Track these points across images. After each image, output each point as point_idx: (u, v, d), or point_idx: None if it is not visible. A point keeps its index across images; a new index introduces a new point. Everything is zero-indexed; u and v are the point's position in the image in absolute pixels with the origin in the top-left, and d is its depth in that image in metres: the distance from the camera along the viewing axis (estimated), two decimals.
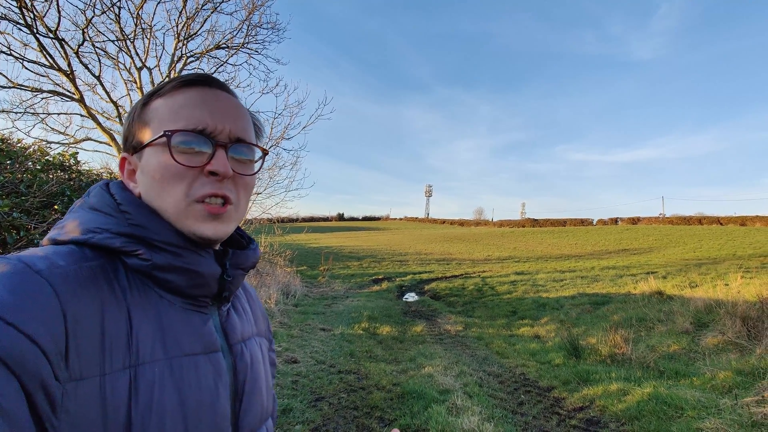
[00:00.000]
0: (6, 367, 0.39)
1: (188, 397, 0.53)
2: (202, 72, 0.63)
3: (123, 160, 0.63)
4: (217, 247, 0.64)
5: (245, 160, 0.62)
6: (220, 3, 7.07)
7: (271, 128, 8.36)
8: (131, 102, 7.24)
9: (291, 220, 12.79)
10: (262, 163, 0.67)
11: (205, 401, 0.55)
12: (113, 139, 6.52)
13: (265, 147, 0.66)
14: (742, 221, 35.77)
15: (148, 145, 0.58)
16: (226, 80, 7.54)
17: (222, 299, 0.64)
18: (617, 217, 48.72)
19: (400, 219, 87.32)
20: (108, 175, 5.05)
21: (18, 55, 5.51)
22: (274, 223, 10.76)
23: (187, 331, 0.56)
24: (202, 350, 0.57)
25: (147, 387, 0.49)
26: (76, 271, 0.49)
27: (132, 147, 0.61)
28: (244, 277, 0.68)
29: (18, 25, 5.22)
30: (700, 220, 39.93)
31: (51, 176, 3.68)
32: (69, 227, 0.56)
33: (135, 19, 6.49)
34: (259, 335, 0.75)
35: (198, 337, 0.57)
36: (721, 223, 37.43)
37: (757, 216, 35.39)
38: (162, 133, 0.56)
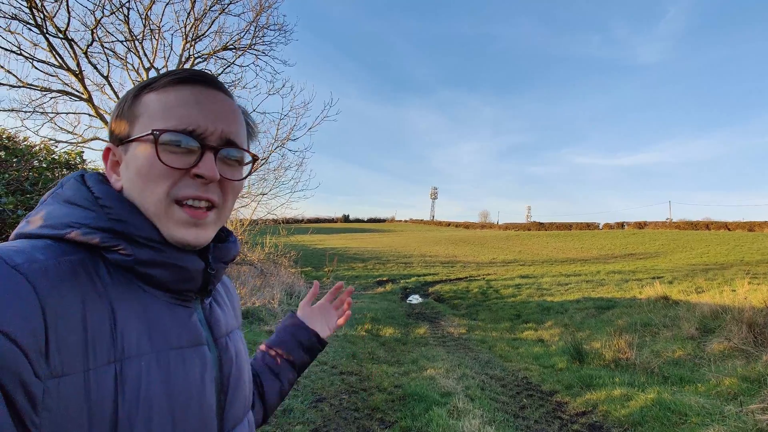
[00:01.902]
0: None
1: (176, 390, 0.52)
2: (197, 69, 0.62)
3: (107, 151, 0.61)
4: None
5: (234, 164, 0.61)
6: (228, 4, 7.11)
7: (277, 129, 8.38)
8: None
9: (296, 221, 12.77)
10: (252, 169, 0.66)
11: (193, 394, 0.54)
12: None
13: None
14: (750, 227, 35.36)
15: (135, 139, 0.57)
16: (233, 81, 7.60)
17: (205, 292, 0.63)
18: (623, 222, 48.18)
19: (406, 221, 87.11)
20: None
21: (28, 55, 5.58)
22: (280, 223, 10.77)
23: (174, 324, 0.56)
24: (189, 344, 0.57)
25: (134, 381, 0.49)
26: (56, 266, 0.47)
27: (118, 139, 0.59)
28: (224, 270, 0.68)
29: (28, 25, 5.29)
30: (707, 225, 39.46)
31: (56, 174, 3.72)
32: (39, 220, 0.54)
33: (144, 20, 6.56)
34: (240, 328, 0.75)
35: (184, 330, 0.57)
36: (728, 229, 37.01)
37: (766, 222, 35.01)
38: (150, 131, 0.55)
